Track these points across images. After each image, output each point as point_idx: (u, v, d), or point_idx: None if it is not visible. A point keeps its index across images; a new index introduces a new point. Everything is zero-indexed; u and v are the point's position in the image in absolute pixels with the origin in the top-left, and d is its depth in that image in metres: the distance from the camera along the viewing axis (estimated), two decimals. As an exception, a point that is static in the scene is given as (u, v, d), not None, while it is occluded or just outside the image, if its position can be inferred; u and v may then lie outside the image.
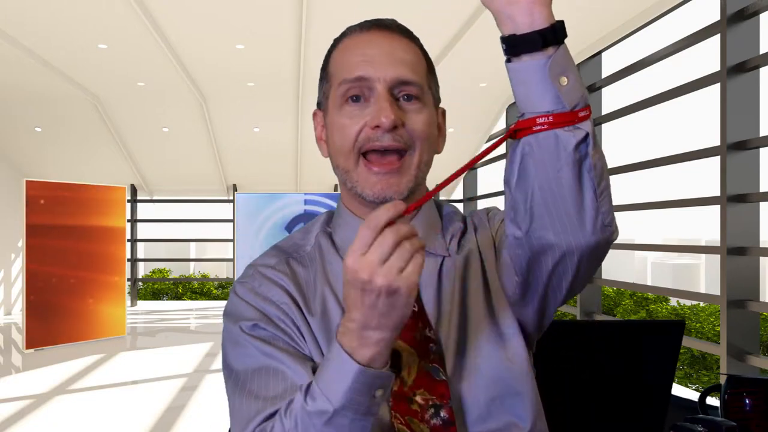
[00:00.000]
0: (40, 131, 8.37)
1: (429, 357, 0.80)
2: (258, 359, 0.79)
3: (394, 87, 0.81)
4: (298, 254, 0.90)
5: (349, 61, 0.83)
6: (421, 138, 0.83)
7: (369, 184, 0.82)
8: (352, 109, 0.82)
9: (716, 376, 13.30)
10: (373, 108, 0.81)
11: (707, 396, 1.66)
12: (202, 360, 5.92)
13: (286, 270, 0.87)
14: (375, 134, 0.80)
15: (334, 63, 0.87)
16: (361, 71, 0.81)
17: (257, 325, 0.82)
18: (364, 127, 0.81)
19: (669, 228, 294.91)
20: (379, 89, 0.80)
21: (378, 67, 0.81)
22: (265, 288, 0.85)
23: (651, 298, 16.48)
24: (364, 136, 0.81)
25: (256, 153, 8.89)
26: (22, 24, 4.98)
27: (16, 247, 9.20)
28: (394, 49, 0.83)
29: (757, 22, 3.66)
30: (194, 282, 17.69)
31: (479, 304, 0.85)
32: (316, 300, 0.85)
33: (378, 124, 0.79)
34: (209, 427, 3.91)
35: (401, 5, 4.57)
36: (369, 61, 0.81)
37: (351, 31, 0.87)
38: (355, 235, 0.83)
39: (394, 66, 0.81)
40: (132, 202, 9.73)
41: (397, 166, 0.81)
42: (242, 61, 5.97)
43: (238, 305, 0.85)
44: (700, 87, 4.01)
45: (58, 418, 4.19)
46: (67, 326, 6.54)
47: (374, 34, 0.84)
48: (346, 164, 0.84)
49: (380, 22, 0.86)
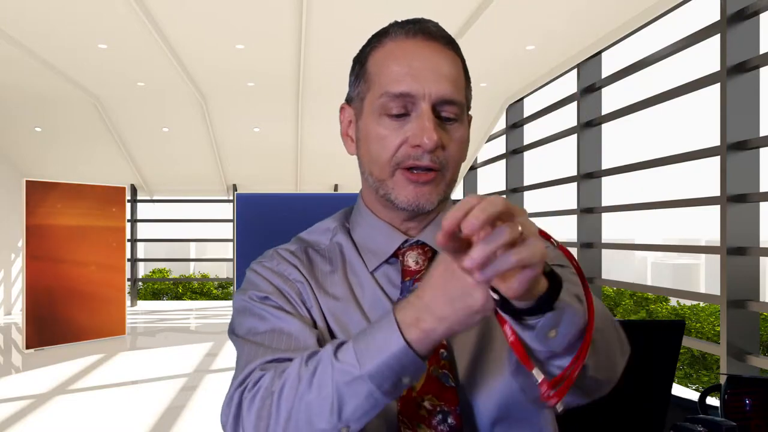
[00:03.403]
0: (40, 131, 8.37)
1: (439, 363, 0.79)
2: (267, 322, 0.81)
3: (437, 104, 0.80)
4: (318, 247, 0.91)
5: (393, 71, 0.81)
6: (455, 160, 0.83)
7: (404, 192, 0.82)
8: (392, 122, 0.81)
9: (716, 376, 13.30)
10: (415, 125, 0.79)
11: (707, 396, 1.66)
12: (202, 360, 5.92)
13: (304, 257, 0.89)
14: (415, 152, 0.80)
15: (375, 65, 0.84)
16: (405, 87, 0.79)
17: (268, 297, 0.83)
18: (404, 143, 0.80)
19: (669, 228, 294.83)
20: (423, 107, 0.79)
21: (423, 82, 0.79)
22: (282, 266, 0.87)
23: (651, 298, 16.47)
24: (403, 153, 0.80)
25: (256, 153, 8.89)
26: (22, 24, 4.98)
27: (16, 247, 9.20)
28: (440, 62, 0.81)
29: (757, 22, 3.66)
30: (194, 282, 17.68)
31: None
32: (332, 288, 0.86)
33: (420, 144, 0.79)
34: (209, 427, 3.91)
35: (401, 5, 4.57)
36: (414, 75, 0.79)
37: (394, 33, 0.84)
38: (372, 234, 0.87)
39: (439, 82, 0.80)
40: (132, 202, 9.73)
41: (432, 176, 0.81)
42: (242, 61, 5.97)
43: (252, 279, 0.88)
44: (700, 87, 4.00)
45: (58, 418, 4.19)
46: (67, 326, 6.54)
47: (419, 43, 0.82)
48: (380, 174, 0.83)
49: (425, 28, 0.84)
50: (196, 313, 9.50)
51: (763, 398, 1.49)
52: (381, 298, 0.84)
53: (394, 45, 0.83)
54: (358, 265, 0.87)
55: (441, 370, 0.79)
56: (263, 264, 0.89)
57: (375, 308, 0.84)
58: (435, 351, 0.78)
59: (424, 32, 0.83)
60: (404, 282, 0.84)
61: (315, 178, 9.49)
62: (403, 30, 0.83)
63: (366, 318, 0.83)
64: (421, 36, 0.83)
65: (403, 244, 0.87)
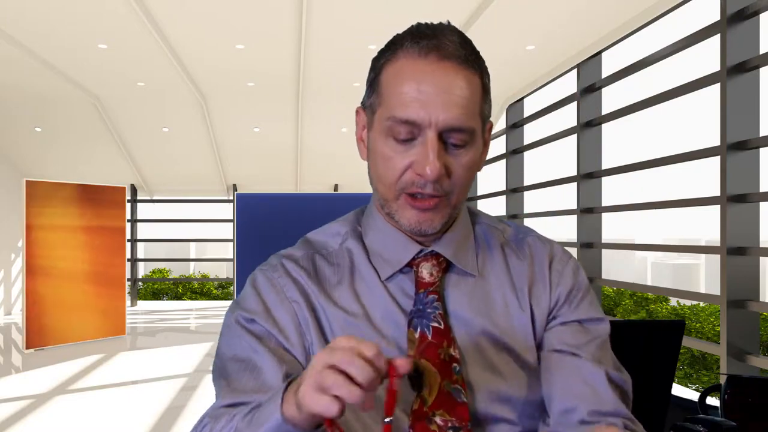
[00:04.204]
0: (40, 131, 8.37)
1: (452, 377, 0.79)
2: (243, 351, 0.82)
3: (444, 132, 0.78)
4: (326, 250, 0.90)
5: (401, 93, 0.78)
6: (461, 185, 0.82)
7: (407, 216, 0.82)
8: (398, 145, 0.79)
9: (716, 376, 13.30)
10: (419, 150, 0.78)
11: (707, 396, 1.66)
12: (202, 360, 5.91)
13: (309, 266, 0.87)
14: (418, 180, 0.79)
15: (386, 80, 0.81)
16: (412, 113, 0.77)
17: (254, 321, 0.83)
18: (409, 167, 0.79)
19: (669, 228, 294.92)
20: (428, 134, 0.77)
21: (431, 108, 0.76)
22: (282, 281, 0.86)
23: (651, 298, 16.48)
24: (407, 179, 0.79)
25: (256, 153, 8.89)
26: (22, 24, 4.98)
27: (16, 247, 9.19)
28: (452, 86, 0.77)
29: (757, 22, 3.65)
30: (194, 282, 17.68)
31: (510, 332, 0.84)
32: (342, 301, 0.85)
33: (422, 174, 0.77)
34: (209, 427, 3.89)
35: (401, 5, 4.57)
36: (422, 101, 0.77)
37: (408, 47, 0.80)
38: (385, 241, 0.87)
39: (447, 109, 0.77)
40: (132, 202, 9.73)
41: (434, 203, 0.80)
42: (242, 61, 5.97)
43: (248, 294, 0.87)
44: (700, 87, 4.00)
45: (58, 418, 4.19)
46: (67, 326, 6.54)
47: (432, 63, 0.78)
48: (386, 194, 0.83)
49: (441, 45, 0.78)
50: (196, 313, 9.50)
51: (763, 398, 1.49)
52: (393, 310, 0.83)
53: (406, 63, 0.79)
54: (368, 274, 0.86)
55: (453, 385, 0.79)
56: (265, 273, 0.88)
57: (386, 320, 0.83)
58: (448, 365, 0.79)
59: (439, 50, 0.78)
60: (418, 294, 0.84)
61: (315, 178, 9.49)
62: (417, 46, 0.79)
63: (378, 332, 0.82)
64: (435, 54, 0.78)
65: (417, 254, 0.85)
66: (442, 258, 0.86)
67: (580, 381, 0.81)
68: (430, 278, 0.84)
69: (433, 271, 0.85)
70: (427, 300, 0.82)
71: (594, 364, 0.82)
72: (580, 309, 0.87)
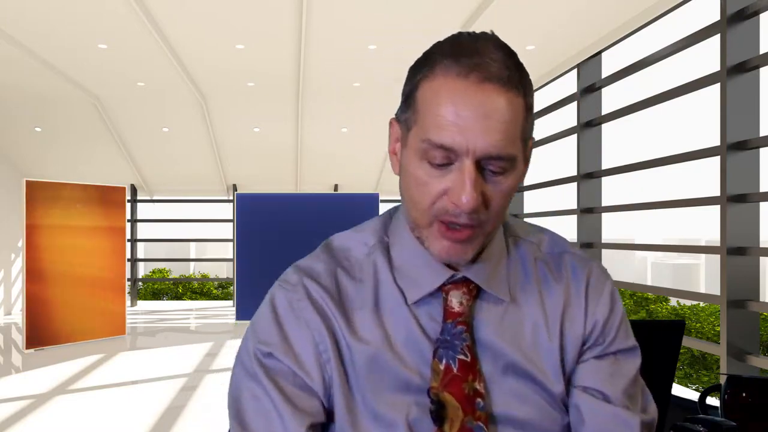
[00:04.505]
0: (40, 131, 8.37)
1: (474, 413, 0.76)
2: (258, 390, 0.79)
3: (482, 159, 0.73)
4: (349, 261, 0.86)
5: (438, 116, 0.73)
6: (498, 212, 0.77)
7: (437, 246, 0.78)
8: (434, 170, 0.75)
9: (716, 376, 13.30)
10: (455, 177, 0.73)
11: (707, 396, 1.66)
12: (202, 360, 5.91)
13: (332, 285, 0.83)
14: (453, 210, 0.74)
15: (422, 99, 0.75)
16: (448, 139, 0.72)
17: (272, 355, 0.80)
18: (444, 193, 0.74)
19: (669, 228, 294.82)
20: (465, 162, 0.72)
21: (469, 135, 0.71)
22: (303, 303, 0.82)
23: (651, 298, 16.48)
24: (441, 206, 0.75)
25: (256, 153, 8.90)
26: (22, 24, 4.98)
27: (16, 247, 9.20)
28: (492, 110, 0.72)
29: (757, 22, 3.65)
30: (194, 282, 17.68)
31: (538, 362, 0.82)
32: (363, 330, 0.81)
33: (458, 203, 0.73)
34: (209, 427, 3.91)
35: (401, 5, 4.57)
36: (460, 126, 0.71)
37: (447, 65, 0.74)
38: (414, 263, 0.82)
39: (487, 136, 0.72)
40: (132, 202, 9.73)
41: (468, 234, 0.76)
42: (242, 61, 5.97)
43: (265, 317, 0.83)
44: (700, 87, 4.00)
45: (58, 418, 4.18)
46: (67, 326, 6.54)
47: (472, 85, 0.72)
48: (418, 219, 0.78)
49: (483, 65, 0.72)
50: (196, 313, 9.50)
51: (763, 398, 1.49)
52: (418, 337, 0.80)
53: (444, 83, 0.73)
54: (393, 295, 0.82)
55: (476, 422, 0.76)
56: (286, 291, 0.83)
57: (410, 347, 0.80)
58: (471, 400, 0.77)
59: (480, 70, 0.72)
60: (446, 323, 0.80)
61: (315, 178, 9.49)
62: (458, 64, 0.73)
63: (400, 359, 0.79)
64: (476, 76, 0.72)
65: (448, 279, 0.81)
66: (473, 284, 0.82)
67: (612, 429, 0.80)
68: (460, 308, 0.81)
69: (463, 300, 0.81)
70: (455, 331, 0.79)
71: (628, 412, 0.81)
72: (616, 340, 0.85)
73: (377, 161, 9.03)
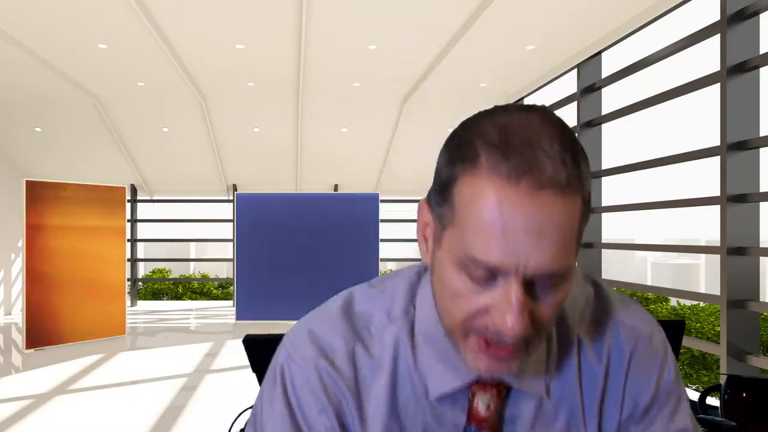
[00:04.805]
0: (40, 131, 8.37)
1: None
2: None
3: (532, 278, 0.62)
4: (369, 332, 0.75)
5: (482, 227, 0.60)
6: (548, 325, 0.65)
7: (475, 360, 0.66)
8: (473, 284, 0.63)
9: (716, 376, 13.29)
10: (500, 295, 0.61)
11: (707, 396, 1.66)
12: (202, 360, 5.91)
13: (348, 370, 0.73)
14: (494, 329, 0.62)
15: (460, 199, 0.62)
16: (494, 258, 0.60)
17: None
18: (484, 311, 0.63)
19: (669, 228, 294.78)
20: (512, 282, 0.61)
21: (519, 253, 0.59)
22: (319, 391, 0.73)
23: (651, 298, 16.48)
24: (481, 323, 0.63)
25: (256, 153, 8.90)
26: (22, 24, 4.98)
27: (16, 247, 9.20)
28: (547, 223, 0.59)
29: (757, 22, 3.66)
30: (194, 282, 17.68)
31: None
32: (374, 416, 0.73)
33: (502, 327, 0.61)
34: (209, 427, 3.91)
35: (401, 5, 4.57)
36: (507, 243, 0.59)
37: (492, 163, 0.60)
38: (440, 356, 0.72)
39: (539, 253, 0.60)
40: (132, 202, 9.73)
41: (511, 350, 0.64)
42: (242, 61, 5.97)
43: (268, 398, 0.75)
44: (700, 87, 4.00)
45: (58, 418, 4.19)
46: (67, 326, 6.54)
47: (523, 197, 0.59)
48: (451, 329, 0.67)
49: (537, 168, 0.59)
50: (196, 313, 9.50)
51: (763, 398, 1.49)
52: None
53: (489, 185, 0.60)
54: (413, 387, 0.73)
55: None
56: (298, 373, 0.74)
57: None
58: None
59: (533, 173, 0.59)
60: (468, 426, 0.72)
61: (315, 178, 9.49)
62: (506, 164, 0.59)
63: None
64: (528, 182, 0.59)
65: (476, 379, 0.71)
66: (503, 385, 0.72)
67: None
68: (486, 413, 0.72)
69: (491, 403, 0.72)
70: None
71: None
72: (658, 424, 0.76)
73: (377, 161, 9.03)
